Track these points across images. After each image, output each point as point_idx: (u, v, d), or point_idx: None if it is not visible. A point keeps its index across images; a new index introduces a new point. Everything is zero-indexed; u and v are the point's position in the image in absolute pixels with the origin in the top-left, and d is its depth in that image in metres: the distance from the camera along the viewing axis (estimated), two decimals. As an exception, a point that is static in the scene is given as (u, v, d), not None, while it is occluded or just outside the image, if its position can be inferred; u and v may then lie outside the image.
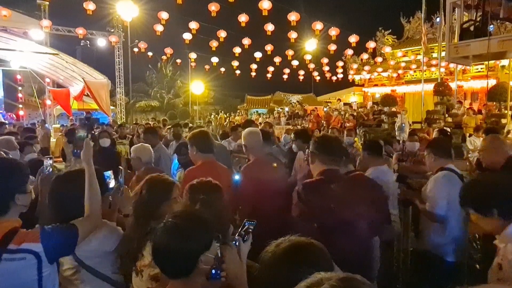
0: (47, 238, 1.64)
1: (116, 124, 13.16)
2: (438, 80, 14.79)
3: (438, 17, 15.79)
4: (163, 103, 36.98)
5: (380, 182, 2.99)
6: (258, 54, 20.88)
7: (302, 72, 26.44)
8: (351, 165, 3.34)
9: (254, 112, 28.78)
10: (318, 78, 27.95)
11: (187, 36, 17.20)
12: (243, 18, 14.43)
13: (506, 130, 8.80)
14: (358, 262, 1.74)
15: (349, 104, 21.39)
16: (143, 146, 3.86)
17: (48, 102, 21.57)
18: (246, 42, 17.65)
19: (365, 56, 22.89)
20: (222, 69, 25.15)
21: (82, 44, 24.11)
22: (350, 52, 20.98)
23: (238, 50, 19.17)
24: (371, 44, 19.53)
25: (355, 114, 16.10)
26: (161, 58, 25.98)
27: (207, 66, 25.10)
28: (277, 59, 21.63)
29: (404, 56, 23.88)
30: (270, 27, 15.29)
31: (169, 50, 20.98)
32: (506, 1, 7.47)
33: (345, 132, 7.57)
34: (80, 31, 18.22)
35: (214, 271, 1.43)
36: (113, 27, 21.49)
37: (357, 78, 26.22)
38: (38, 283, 1.64)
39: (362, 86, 26.77)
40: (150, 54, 22.20)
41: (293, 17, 14.28)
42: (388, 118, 13.87)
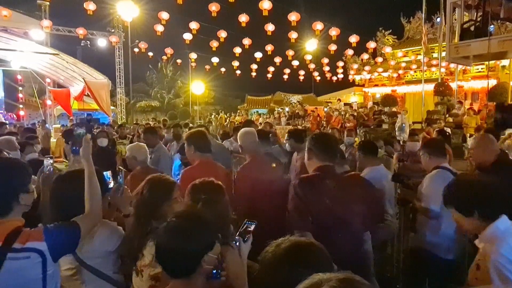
0: (51, 236, 1.66)
1: (116, 124, 13.14)
2: (439, 80, 14.79)
3: (438, 17, 15.79)
4: (164, 103, 37.00)
5: (376, 182, 3.08)
6: (258, 54, 20.90)
7: (302, 72, 26.45)
8: (347, 165, 3.36)
9: (255, 112, 28.73)
10: (318, 78, 27.96)
11: (188, 36, 17.22)
12: (244, 18, 14.43)
13: (507, 132, 8.77)
14: (350, 255, 1.83)
15: (349, 104, 21.39)
16: (139, 145, 3.87)
17: (48, 102, 21.55)
18: (247, 42, 17.66)
19: (365, 56, 22.89)
20: (223, 69, 25.15)
21: (82, 44, 24.00)
22: (350, 52, 20.98)
23: (238, 50, 19.18)
24: (372, 44, 19.54)
25: (356, 114, 16.09)
26: (161, 58, 25.95)
27: (208, 66, 25.12)
28: (277, 59, 21.62)
29: (404, 56, 23.89)
30: (270, 27, 15.29)
31: (169, 50, 21.00)
32: (507, 1, 7.46)
33: (345, 132, 7.57)
34: (80, 31, 18.24)
35: (214, 271, 1.43)
36: (113, 27, 21.50)
37: (357, 78, 26.22)
38: (42, 282, 1.65)
39: (363, 86, 26.77)
40: (150, 54, 22.22)
41: (293, 17, 14.29)
42: (388, 118, 13.87)
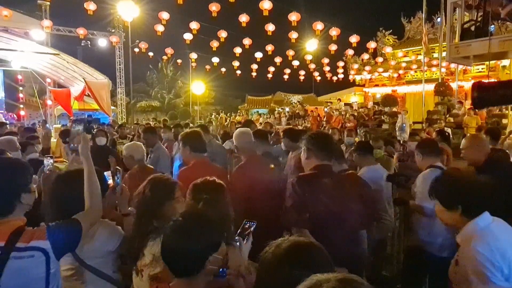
0: (53, 235, 1.67)
1: (116, 124, 13.13)
2: (439, 80, 14.81)
3: (439, 17, 15.78)
4: (164, 103, 37.02)
5: (372, 181, 3.17)
6: (258, 54, 20.90)
7: (302, 72, 26.44)
8: (345, 164, 3.37)
9: (255, 112, 28.77)
10: (318, 78, 27.97)
11: (188, 36, 17.22)
12: (244, 18, 14.43)
13: (508, 131, 8.78)
14: (345, 252, 1.86)
15: (349, 104, 21.39)
16: (136, 144, 3.91)
17: (49, 102, 21.54)
18: (247, 42, 17.66)
19: (366, 56, 22.89)
20: (223, 69, 25.15)
21: (83, 44, 23.99)
22: (351, 52, 20.97)
23: (238, 50, 19.19)
24: (372, 44, 19.55)
25: (356, 114, 16.10)
26: (161, 58, 25.98)
27: (208, 66, 25.12)
28: (277, 59, 21.62)
29: (405, 56, 23.88)
30: (270, 27, 15.29)
31: (169, 50, 21.01)
32: (507, 1, 7.45)
33: (345, 132, 7.56)
34: (81, 31, 18.24)
35: (221, 270, 1.44)
36: (114, 27, 21.49)
37: (357, 78, 26.20)
38: (45, 280, 1.66)
39: (363, 86, 26.75)
40: (150, 54, 22.23)
41: (293, 17, 14.29)
42: (388, 118, 13.89)
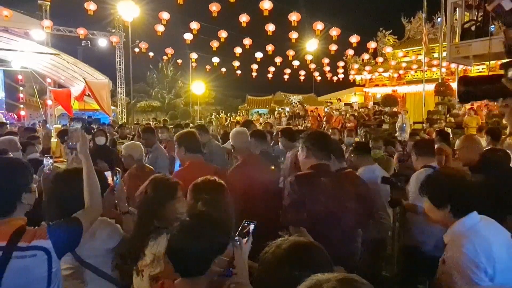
0: (54, 234, 1.68)
1: (116, 124, 13.13)
2: (439, 80, 14.81)
3: (439, 17, 15.79)
4: (164, 103, 37.04)
5: (370, 181, 3.22)
6: (259, 54, 20.91)
7: (303, 72, 26.46)
8: (345, 163, 3.38)
9: (255, 112, 28.75)
10: (319, 78, 28.00)
11: (188, 36, 17.24)
12: (244, 18, 14.44)
13: (509, 131, 8.76)
14: (341, 250, 1.89)
15: (350, 104, 21.39)
16: (134, 144, 4.00)
17: (49, 102, 21.54)
18: (247, 42, 17.67)
19: (366, 56, 22.90)
20: (223, 69, 25.18)
21: (83, 44, 23.95)
22: (351, 52, 20.99)
23: (239, 50, 19.20)
24: (372, 44, 19.57)
25: (356, 114, 16.10)
26: (162, 58, 26.02)
27: (208, 66, 25.15)
28: (278, 59, 21.64)
29: (405, 56, 23.89)
30: (271, 27, 15.30)
31: (170, 50, 21.03)
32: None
33: (345, 132, 7.56)
34: (81, 32, 18.25)
35: (227, 269, 1.45)
36: (114, 27, 21.47)
37: (358, 78, 26.21)
38: (47, 279, 1.67)
39: (363, 86, 26.76)
40: (151, 54, 22.25)
41: (294, 17, 14.30)
42: (389, 118, 13.89)
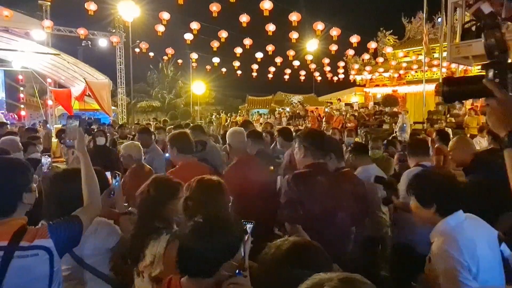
0: (55, 233, 1.68)
1: (117, 124, 13.14)
2: (440, 80, 14.78)
3: (439, 17, 15.80)
4: (164, 104, 37.05)
5: (368, 180, 3.25)
6: (259, 55, 20.90)
7: (303, 72, 26.46)
8: (343, 162, 3.38)
9: (255, 112, 28.75)
10: (319, 78, 27.99)
11: (188, 36, 17.23)
12: (244, 19, 14.44)
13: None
14: (336, 247, 1.91)
15: (350, 104, 21.40)
16: (133, 143, 4.06)
17: (49, 102, 21.55)
18: (247, 42, 17.66)
19: (366, 56, 22.90)
20: (223, 69, 25.19)
21: (83, 44, 23.97)
22: (351, 52, 20.98)
23: (239, 50, 19.20)
24: (373, 44, 19.55)
25: (357, 114, 16.10)
26: (162, 58, 26.00)
27: (208, 67, 25.13)
28: (278, 59, 21.64)
29: (405, 56, 23.87)
30: (271, 28, 15.30)
31: (170, 51, 21.03)
32: (508, 1, 7.44)
33: (345, 132, 7.56)
34: (81, 32, 18.24)
35: (237, 272, 1.43)
36: (114, 28, 21.46)
37: (358, 78, 26.20)
38: (49, 279, 1.67)
39: (364, 86, 26.75)
40: (151, 54, 22.25)
41: (294, 17, 14.29)
42: (389, 118, 13.89)
